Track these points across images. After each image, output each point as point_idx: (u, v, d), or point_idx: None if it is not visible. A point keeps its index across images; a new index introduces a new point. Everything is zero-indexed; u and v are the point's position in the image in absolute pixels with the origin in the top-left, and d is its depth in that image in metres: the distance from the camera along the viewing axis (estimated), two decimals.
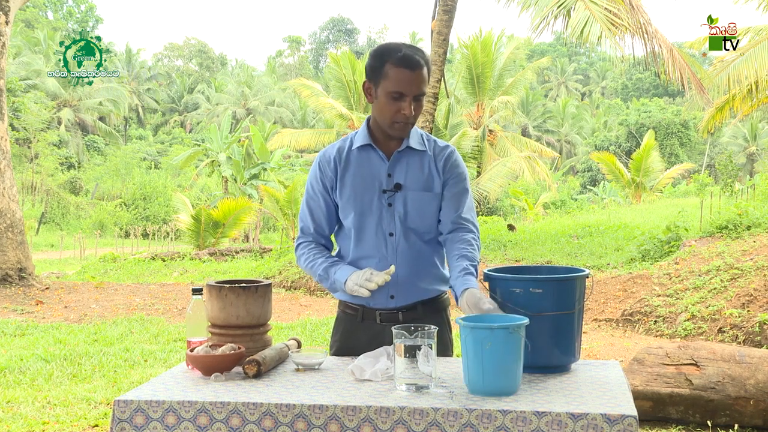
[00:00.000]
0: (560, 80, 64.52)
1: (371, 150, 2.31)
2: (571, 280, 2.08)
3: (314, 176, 2.35)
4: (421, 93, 2.20)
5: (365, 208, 2.28)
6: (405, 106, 2.19)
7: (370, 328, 2.32)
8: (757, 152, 43.64)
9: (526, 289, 2.02)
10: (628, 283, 8.79)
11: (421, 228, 2.30)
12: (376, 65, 2.21)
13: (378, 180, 2.28)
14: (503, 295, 2.05)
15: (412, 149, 2.30)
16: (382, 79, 2.20)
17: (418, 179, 2.29)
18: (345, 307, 2.40)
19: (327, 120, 25.55)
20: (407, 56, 2.18)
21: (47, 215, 34.09)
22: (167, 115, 58.58)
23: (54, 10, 58.82)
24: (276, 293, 10.89)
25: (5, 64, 10.81)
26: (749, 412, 4.14)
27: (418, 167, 2.30)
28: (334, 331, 2.46)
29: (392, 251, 2.27)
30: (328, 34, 74.18)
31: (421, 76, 2.19)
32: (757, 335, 6.54)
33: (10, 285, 10.47)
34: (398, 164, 2.30)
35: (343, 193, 2.30)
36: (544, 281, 2.05)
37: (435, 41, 11.89)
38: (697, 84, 10.65)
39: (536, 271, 2.30)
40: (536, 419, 1.68)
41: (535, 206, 28.16)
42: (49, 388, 5.23)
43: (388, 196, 2.28)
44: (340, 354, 2.36)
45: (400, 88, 2.17)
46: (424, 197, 2.29)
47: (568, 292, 2.05)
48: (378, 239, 2.28)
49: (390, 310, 2.31)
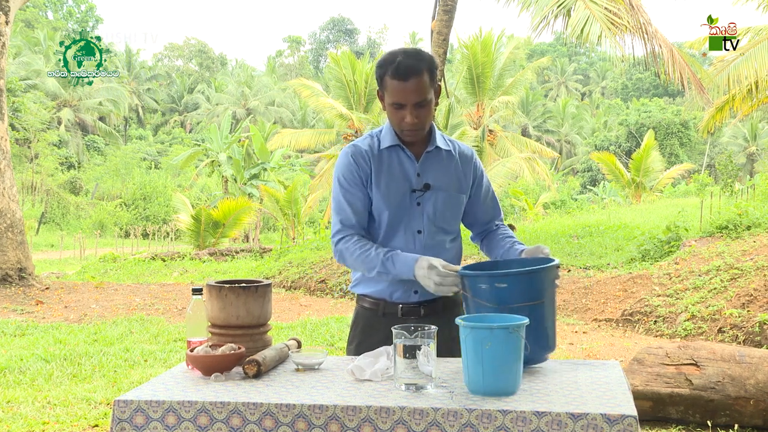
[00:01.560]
0: (560, 80, 64.53)
1: (400, 150, 2.34)
2: (535, 272, 2.07)
3: (348, 170, 2.32)
4: (422, 100, 2.20)
5: (396, 206, 2.31)
6: (406, 114, 2.22)
7: (390, 323, 2.31)
8: (757, 152, 43.65)
9: (491, 285, 2.03)
10: (628, 283, 8.79)
11: (449, 226, 2.37)
12: (378, 76, 2.25)
13: (408, 180, 2.32)
14: (472, 292, 2.07)
15: (440, 149, 2.36)
16: (384, 91, 2.25)
17: (448, 180, 2.35)
18: (364, 302, 2.42)
19: (327, 120, 25.57)
20: (402, 66, 2.18)
21: (47, 215, 34.10)
22: (167, 115, 58.59)
23: (54, 10, 58.85)
24: (276, 293, 10.90)
25: (5, 64, 10.81)
26: (749, 412, 4.14)
27: (445, 168, 2.36)
28: (353, 326, 2.47)
29: (420, 247, 2.33)
30: (328, 34, 74.20)
31: (417, 84, 2.18)
32: (757, 335, 6.55)
33: (10, 285, 10.47)
34: (427, 164, 2.34)
35: (378, 190, 2.32)
36: (507, 275, 2.05)
37: (435, 41, 11.89)
38: (697, 84, 10.65)
39: (507, 265, 2.28)
40: (536, 419, 1.68)
41: (535, 206, 28.16)
42: (49, 388, 5.23)
43: (417, 196, 2.32)
44: (361, 350, 2.33)
45: (398, 99, 2.21)
46: (454, 197, 2.37)
47: (532, 284, 2.04)
48: (407, 236, 2.32)
49: (412, 305, 2.34)
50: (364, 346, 2.35)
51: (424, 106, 2.22)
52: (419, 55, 2.22)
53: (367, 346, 2.32)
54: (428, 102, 2.22)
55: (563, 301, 8.89)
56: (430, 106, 2.24)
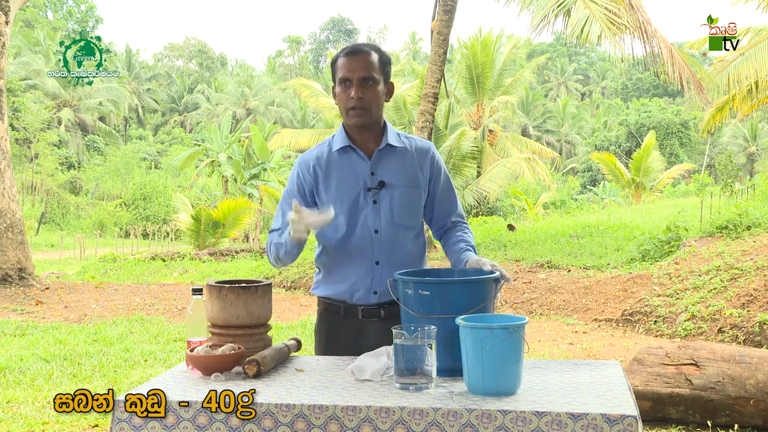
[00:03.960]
0: (560, 80, 64.52)
1: (351, 151, 2.35)
2: (459, 284, 2.04)
3: (290, 180, 2.40)
4: (368, 76, 2.25)
5: (351, 207, 2.32)
6: (352, 89, 2.26)
7: (353, 324, 2.36)
8: (757, 152, 43.65)
9: (415, 291, 2.01)
10: (628, 283, 8.79)
11: (409, 223, 2.36)
12: (332, 64, 2.34)
13: (361, 179, 2.33)
14: (400, 296, 2.06)
15: (392, 147, 2.36)
16: (335, 75, 2.31)
17: (403, 176, 2.34)
18: (326, 305, 2.43)
19: (327, 120, 25.52)
20: (352, 46, 2.31)
21: (47, 215, 34.09)
22: (167, 115, 58.57)
23: (54, 10, 58.86)
24: (276, 293, 10.90)
25: (5, 64, 10.82)
26: (749, 412, 4.14)
27: (400, 164, 2.35)
28: (317, 330, 2.47)
29: (378, 247, 2.32)
30: (328, 34, 74.18)
31: (365, 60, 2.26)
32: (757, 335, 6.55)
33: (10, 285, 10.47)
34: (380, 162, 2.34)
35: (328, 196, 2.33)
36: (430, 284, 2.02)
37: (435, 41, 11.90)
38: (697, 84, 10.66)
39: (449, 273, 2.27)
40: (536, 419, 1.68)
41: (535, 206, 28.14)
42: (49, 388, 5.23)
43: (372, 194, 2.32)
44: (326, 353, 2.37)
45: (345, 74, 2.27)
46: (411, 193, 2.35)
47: (455, 297, 1.99)
48: (363, 237, 2.32)
49: (372, 306, 2.34)
50: (329, 349, 2.38)
51: (371, 86, 2.26)
52: (372, 44, 2.34)
53: (332, 349, 2.36)
54: (375, 81, 2.27)
55: (563, 301, 8.90)
56: (376, 87, 2.27)
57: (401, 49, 67.24)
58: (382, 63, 2.30)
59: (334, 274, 2.38)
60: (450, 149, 18.89)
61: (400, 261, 2.32)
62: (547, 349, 6.64)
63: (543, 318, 8.60)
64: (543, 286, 9.48)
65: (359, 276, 2.33)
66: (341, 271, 2.36)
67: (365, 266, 2.32)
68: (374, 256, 2.32)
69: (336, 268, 2.37)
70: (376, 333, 2.29)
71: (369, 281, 2.31)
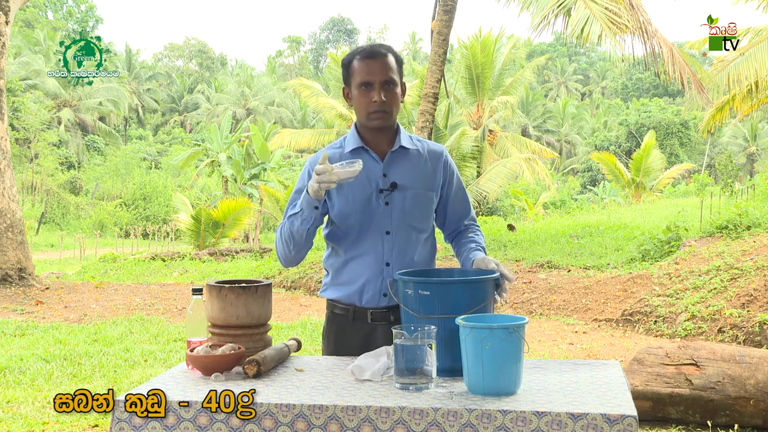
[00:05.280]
0: (560, 80, 64.52)
1: (364, 152, 2.34)
2: (459, 284, 2.05)
3: (302, 179, 2.36)
4: (389, 79, 2.26)
5: (363, 208, 2.30)
6: (374, 93, 2.25)
7: (361, 328, 2.34)
8: (757, 152, 43.66)
9: (415, 291, 2.01)
10: (628, 283, 8.79)
11: (420, 226, 2.35)
12: (345, 66, 2.32)
13: (374, 180, 2.31)
14: (400, 297, 2.06)
15: (405, 149, 2.35)
16: (351, 78, 2.30)
17: (416, 178, 2.34)
18: (335, 308, 2.41)
19: (327, 120, 25.53)
20: (368, 49, 2.29)
21: (47, 215, 34.09)
22: (167, 115, 58.58)
23: (54, 10, 58.86)
24: (276, 293, 10.90)
25: (5, 64, 10.82)
26: (749, 412, 4.14)
27: (412, 167, 2.35)
28: (325, 333, 2.46)
29: (389, 249, 2.31)
30: (328, 34, 74.20)
31: (384, 63, 2.26)
32: (757, 335, 6.55)
33: (10, 285, 10.47)
34: (393, 164, 2.33)
35: (340, 196, 2.31)
36: (430, 284, 2.02)
37: (435, 41, 11.89)
38: (697, 84, 10.66)
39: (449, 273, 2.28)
40: (536, 419, 1.68)
41: (535, 206, 28.14)
42: (49, 388, 5.23)
43: (384, 196, 2.30)
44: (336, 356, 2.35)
45: (366, 78, 2.25)
46: (424, 196, 2.35)
47: (455, 297, 1.99)
48: (374, 238, 2.31)
49: (381, 309, 2.33)
50: (338, 352, 2.36)
51: (391, 88, 2.27)
52: (386, 45, 2.34)
53: (341, 352, 2.34)
54: (395, 84, 2.28)
55: (563, 301, 8.90)
56: (396, 90, 2.28)
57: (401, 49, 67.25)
58: (399, 64, 2.31)
59: (344, 276, 2.36)
60: (450, 149, 18.90)
61: (410, 263, 2.31)
62: (547, 349, 6.64)
63: (543, 318, 8.61)
64: (543, 286, 9.48)
65: (369, 277, 2.31)
66: (351, 273, 2.34)
67: (375, 268, 2.30)
68: (384, 258, 2.30)
69: (345, 269, 2.35)
70: (385, 337, 2.27)
71: (379, 283, 2.29)
